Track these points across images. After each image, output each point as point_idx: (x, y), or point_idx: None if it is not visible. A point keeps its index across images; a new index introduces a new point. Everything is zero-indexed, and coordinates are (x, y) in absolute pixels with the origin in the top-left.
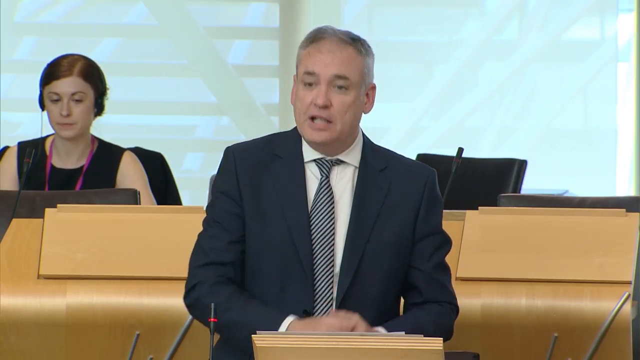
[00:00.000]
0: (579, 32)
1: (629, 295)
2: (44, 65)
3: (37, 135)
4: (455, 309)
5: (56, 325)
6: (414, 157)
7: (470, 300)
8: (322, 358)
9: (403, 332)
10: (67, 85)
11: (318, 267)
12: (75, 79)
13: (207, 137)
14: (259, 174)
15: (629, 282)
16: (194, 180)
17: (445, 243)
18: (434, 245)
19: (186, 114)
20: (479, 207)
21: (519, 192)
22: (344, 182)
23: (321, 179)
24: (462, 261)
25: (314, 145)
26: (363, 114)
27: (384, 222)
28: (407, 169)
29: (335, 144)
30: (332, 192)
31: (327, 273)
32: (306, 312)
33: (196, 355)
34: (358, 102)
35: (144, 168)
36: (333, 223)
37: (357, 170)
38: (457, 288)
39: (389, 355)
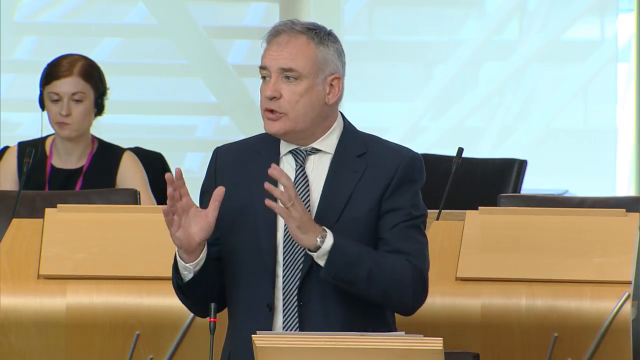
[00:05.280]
0: (579, 32)
1: (629, 295)
2: (44, 65)
3: (37, 135)
4: (419, 271)
5: (56, 325)
6: None
7: (470, 300)
8: (322, 358)
9: (403, 332)
10: (67, 85)
11: (289, 258)
12: (75, 79)
13: (207, 137)
14: (239, 172)
15: (629, 282)
16: (194, 180)
17: (413, 217)
18: (399, 218)
19: (186, 114)
20: (479, 207)
21: (519, 192)
22: (319, 170)
23: (296, 168)
24: (462, 261)
25: (277, 136)
26: (326, 104)
27: (356, 202)
28: (386, 152)
29: (297, 133)
30: (307, 181)
31: (298, 261)
32: (269, 306)
33: (196, 355)
34: (313, 92)
35: (144, 168)
36: (309, 211)
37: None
38: (457, 288)
39: (388, 355)
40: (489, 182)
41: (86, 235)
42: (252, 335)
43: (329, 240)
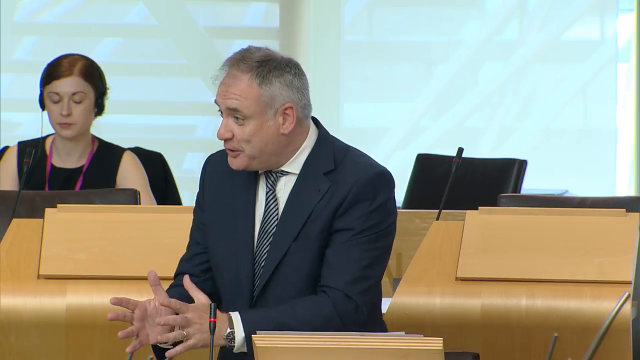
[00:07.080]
0: (579, 32)
1: (629, 295)
2: (44, 65)
3: (37, 135)
4: (346, 298)
5: (56, 325)
6: (413, 157)
7: (470, 300)
8: (322, 358)
9: (403, 332)
10: (67, 85)
11: (258, 278)
12: (75, 78)
13: (207, 137)
14: (224, 183)
15: (629, 282)
16: (194, 180)
17: (363, 236)
18: (345, 238)
19: (186, 114)
20: (479, 207)
21: (519, 192)
22: (286, 191)
23: (267, 191)
24: (462, 261)
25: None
26: (283, 134)
27: (314, 221)
28: (352, 169)
29: (258, 165)
30: (277, 203)
31: (262, 280)
32: None
33: (197, 355)
34: (264, 129)
35: (144, 168)
36: (275, 231)
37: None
38: (457, 288)
39: (389, 355)
40: (489, 182)
41: (86, 235)
42: (252, 335)
43: (240, 333)
